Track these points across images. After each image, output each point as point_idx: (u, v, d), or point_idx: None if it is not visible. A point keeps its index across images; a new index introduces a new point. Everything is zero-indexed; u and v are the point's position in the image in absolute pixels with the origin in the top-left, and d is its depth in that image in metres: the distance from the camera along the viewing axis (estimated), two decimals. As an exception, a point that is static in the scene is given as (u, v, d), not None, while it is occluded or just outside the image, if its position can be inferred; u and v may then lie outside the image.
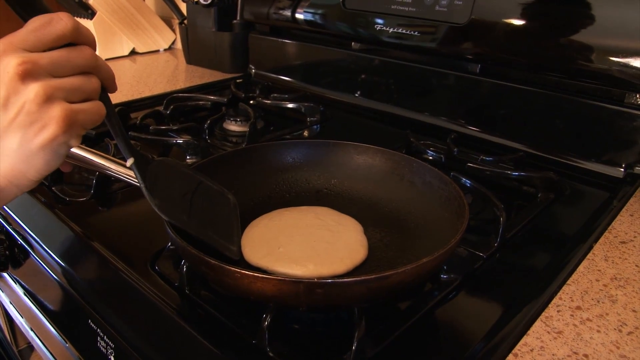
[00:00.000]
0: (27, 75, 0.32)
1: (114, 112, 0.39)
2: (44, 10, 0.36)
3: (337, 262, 0.46)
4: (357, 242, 0.49)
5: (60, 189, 0.65)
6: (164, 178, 0.44)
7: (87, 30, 0.36)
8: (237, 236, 0.49)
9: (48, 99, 0.33)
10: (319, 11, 0.99)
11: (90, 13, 1.34)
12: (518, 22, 0.74)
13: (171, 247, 0.51)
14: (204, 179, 0.49)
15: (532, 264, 0.52)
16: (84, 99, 0.36)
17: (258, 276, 0.35)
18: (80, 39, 0.35)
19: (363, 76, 0.98)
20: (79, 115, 0.35)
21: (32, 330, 0.67)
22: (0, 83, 0.32)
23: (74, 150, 0.53)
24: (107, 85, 0.39)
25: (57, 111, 0.33)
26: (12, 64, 0.32)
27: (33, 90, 0.32)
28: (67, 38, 0.34)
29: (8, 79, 0.32)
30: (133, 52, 1.43)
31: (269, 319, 0.38)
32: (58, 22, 0.34)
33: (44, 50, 0.34)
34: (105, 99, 0.38)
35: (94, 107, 0.36)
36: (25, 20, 0.35)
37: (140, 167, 0.42)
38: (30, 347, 0.93)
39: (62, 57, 0.34)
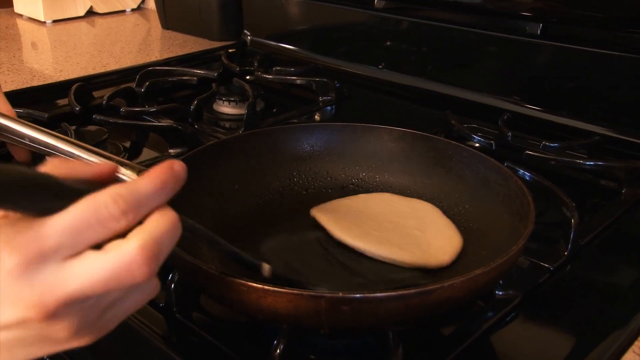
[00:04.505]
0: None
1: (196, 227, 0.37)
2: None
3: (440, 253, 0.50)
4: (448, 227, 0.53)
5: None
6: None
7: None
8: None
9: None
10: (333, -40, 1.00)
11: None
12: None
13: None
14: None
15: (615, 280, 0.53)
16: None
17: (269, 289, 0.36)
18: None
19: (388, 43, 0.99)
20: None
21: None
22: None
23: (31, 132, 0.54)
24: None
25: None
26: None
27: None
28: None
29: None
30: (91, 13, 1.44)
31: (281, 347, 0.39)
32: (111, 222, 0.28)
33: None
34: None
35: None
36: (28, 212, 0.28)
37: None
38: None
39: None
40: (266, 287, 0.36)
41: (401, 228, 0.53)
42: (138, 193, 0.29)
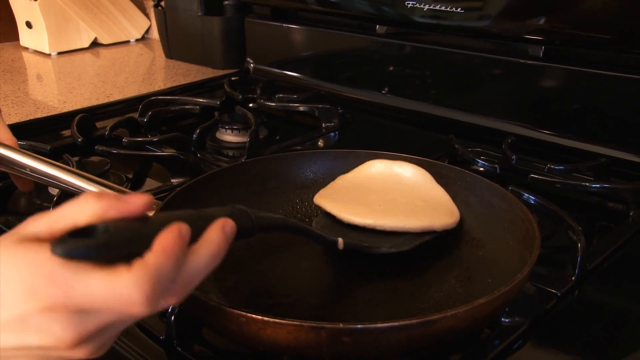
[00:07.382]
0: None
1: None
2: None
3: (446, 215, 0.54)
4: (444, 197, 0.57)
5: (4, 221, 0.66)
6: None
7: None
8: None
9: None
10: (334, -13, 1.01)
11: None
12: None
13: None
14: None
15: (625, 305, 0.52)
16: None
17: (268, 321, 0.36)
18: None
19: (391, 68, 0.99)
20: None
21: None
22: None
23: (31, 162, 0.55)
24: None
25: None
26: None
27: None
28: None
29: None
30: (95, 44, 1.46)
31: (283, 379, 0.39)
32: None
33: None
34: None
35: None
36: None
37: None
38: None
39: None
40: (265, 318, 0.36)
41: (402, 200, 0.57)
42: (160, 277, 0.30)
